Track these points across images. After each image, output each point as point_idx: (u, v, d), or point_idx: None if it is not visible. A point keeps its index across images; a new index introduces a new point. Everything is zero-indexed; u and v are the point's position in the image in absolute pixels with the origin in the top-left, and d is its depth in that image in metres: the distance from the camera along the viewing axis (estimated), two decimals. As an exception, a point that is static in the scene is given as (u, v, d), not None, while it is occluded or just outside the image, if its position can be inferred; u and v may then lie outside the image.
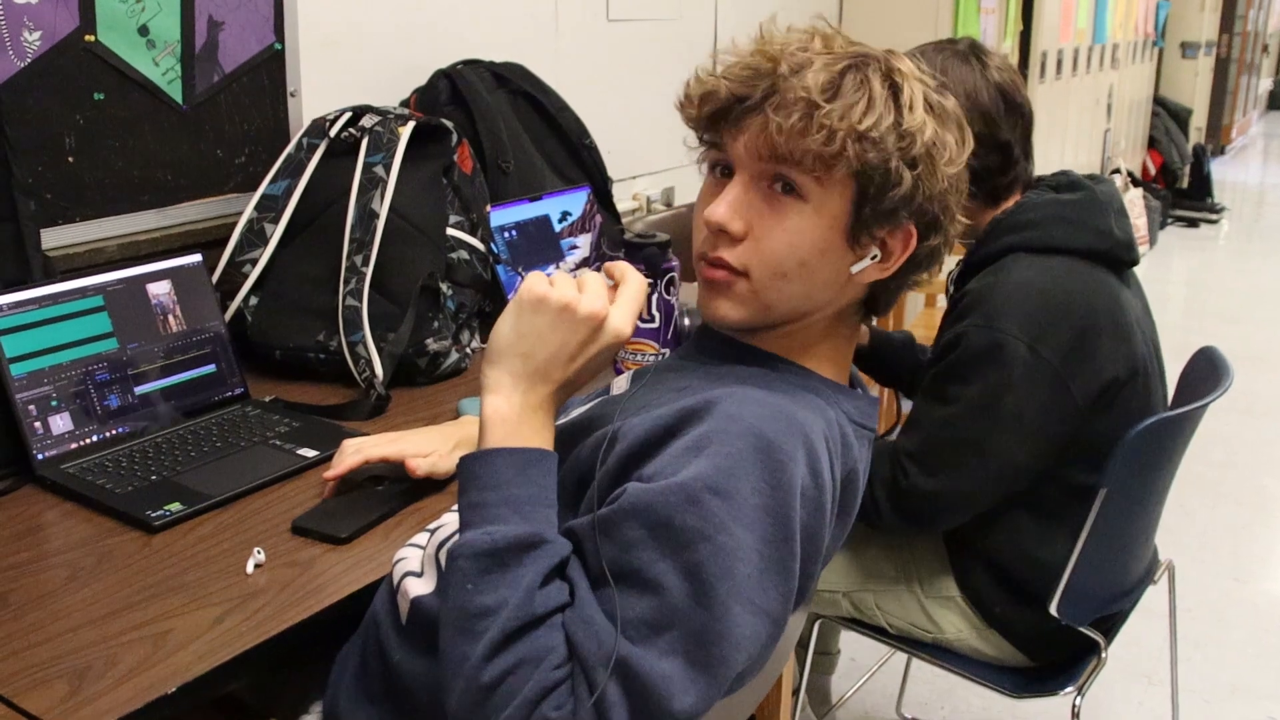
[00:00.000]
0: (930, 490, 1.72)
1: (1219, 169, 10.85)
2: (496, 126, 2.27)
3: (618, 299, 1.08)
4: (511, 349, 1.06)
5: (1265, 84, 17.31)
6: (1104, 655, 1.81)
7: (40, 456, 1.48)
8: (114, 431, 1.57)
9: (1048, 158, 5.75)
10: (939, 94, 1.11)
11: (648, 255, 1.74)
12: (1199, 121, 10.36)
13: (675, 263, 1.78)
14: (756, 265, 1.10)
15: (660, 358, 1.80)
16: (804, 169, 1.06)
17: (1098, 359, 1.70)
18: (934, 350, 1.80)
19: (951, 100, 1.12)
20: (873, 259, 1.11)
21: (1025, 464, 1.72)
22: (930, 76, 1.12)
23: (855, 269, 1.11)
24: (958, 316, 1.73)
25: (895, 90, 1.07)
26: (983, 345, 1.67)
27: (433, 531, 1.20)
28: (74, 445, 1.52)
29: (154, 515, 1.36)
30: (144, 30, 1.83)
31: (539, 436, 1.06)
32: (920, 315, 4.03)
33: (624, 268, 1.10)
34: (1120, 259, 1.79)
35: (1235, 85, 12.49)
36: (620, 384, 1.24)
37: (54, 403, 1.51)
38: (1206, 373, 1.92)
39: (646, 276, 1.75)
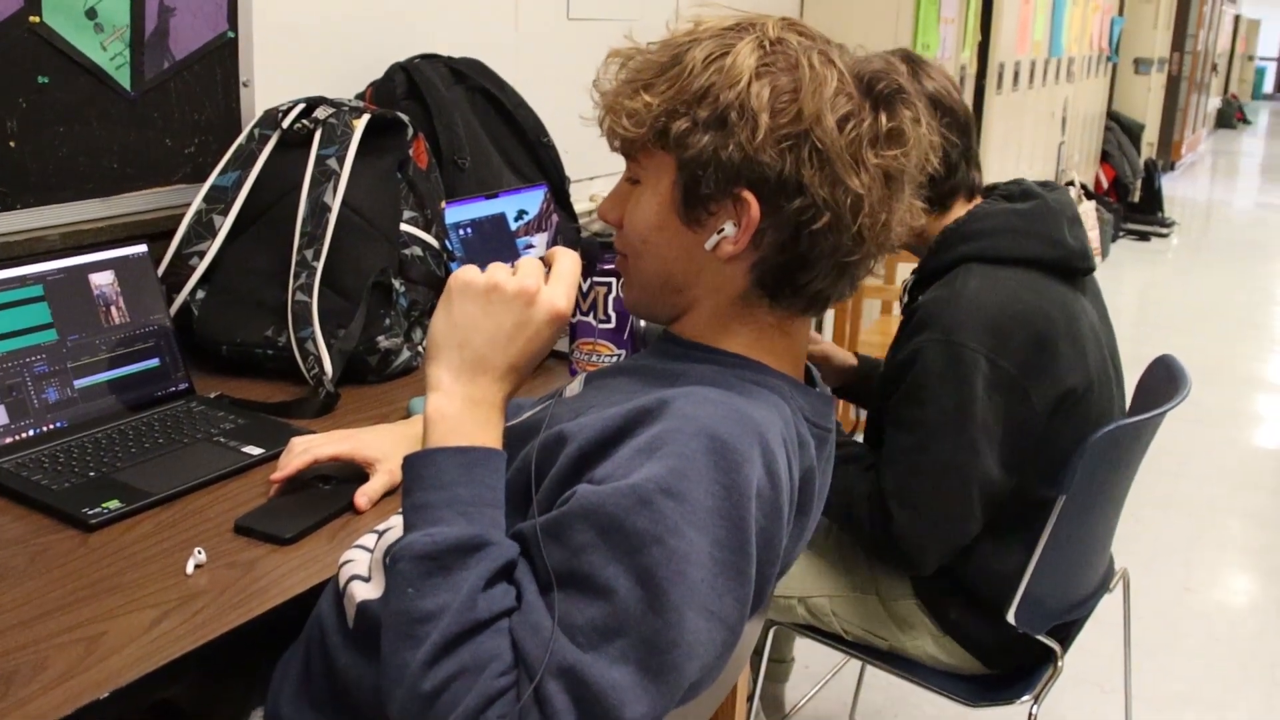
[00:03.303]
0: (918, 529, 1.70)
1: (1169, 184, 11.01)
2: (453, 122, 2.24)
3: (550, 276, 1.08)
4: (447, 341, 1.05)
5: (1214, 102, 17.62)
6: (1060, 664, 1.80)
7: (-27, 451, 1.43)
8: (51, 426, 1.51)
9: (1004, 168, 5.79)
10: (803, 53, 1.04)
11: (585, 246, 1.74)
12: (1150, 137, 10.51)
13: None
14: (625, 248, 1.15)
15: (617, 359, 1.77)
16: (626, 154, 1.12)
17: (1056, 368, 1.70)
18: (888, 366, 1.78)
19: (818, 58, 1.05)
20: (721, 234, 1.07)
21: (1001, 479, 1.71)
22: (804, 37, 1.07)
23: (708, 245, 1.08)
24: (913, 330, 1.71)
25: (721, 56, 1.04)
26: (941, 359, 1.66)
27: (380, 534, 1.17)
28: (9, 440, 1.46)
29: (91, 513, 1.31)
30: (92, 13, 1.78)
31: (484, 433, 1.03)
32: (876, 323, 4.03)
33: (557, 250, 1.11)
34: (1075, 268, 1.79)
35: (1186, 102, 12.68)
36: (574, 387, 1.21)
37: (-12, 395, 1.46)
38: (1164, 381, 1.93)
39: (595, 274, 1.74)
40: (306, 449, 1.39)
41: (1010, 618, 1.74)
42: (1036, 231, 1.75)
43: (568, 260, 1.09)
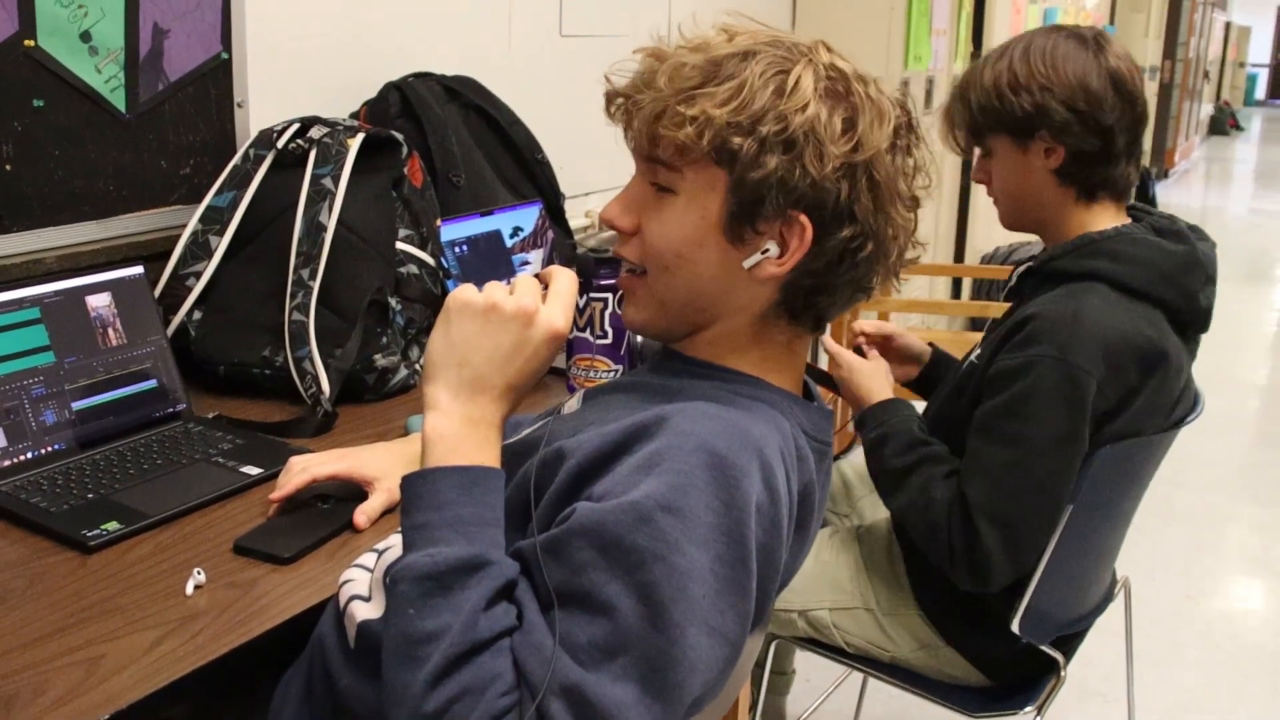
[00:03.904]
0: (1006, 550, 1.62)
1: (1163, 192, 11.03)
2: (448, 140, 2.24)
3: (548, 295, 1.06)
4: (445, 360, 1.04)
5: (1206, 109, 17.66)
6: (1063, 674, 1.80)
7: (-29, 474, 1.43)
8: (49, 448, 1.51)
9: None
10: (856, 81, 1.05)
11: (581, 262, 1.73)
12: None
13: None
14: (645, 260, 1.11)
15: (615, 374, 1.78)
16: (665, 162, 1.06)
17: (1144, 407, 1.66)
18: (988, 366, 1.69)
19: (873, 89, 1.06)
20: (765, 254, 1.06)
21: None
22: (851, 65, 1.07)
23: (748, 264, 1.07)
24: (1025, 340, 1.63)
25: (781, 75, 1.03)
26: (1055, 379, 1.59)
27: (380, 553, 1.17)
28: (7, 463, 1.46)
29: (90, 535, 1.31)
30: (86, 36, 1.78)
31: (482, 452, 1.03)
32: (873, 334, 4.01)
33: (554, 269, 1.09)
34: (1194, 326, 1.74)
35: (1178, 110, 12.72)
36: (572, 404, 1.21)
37: (-14, 419, 1.46)
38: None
39: (592, 289, 1.74)
40: (305, 468, 1.39)
41: (1014, 627, 1.73)
42: (1178, 281, 1.68)
43: (565, 279, 1.08)
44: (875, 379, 1.91)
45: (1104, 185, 1.75)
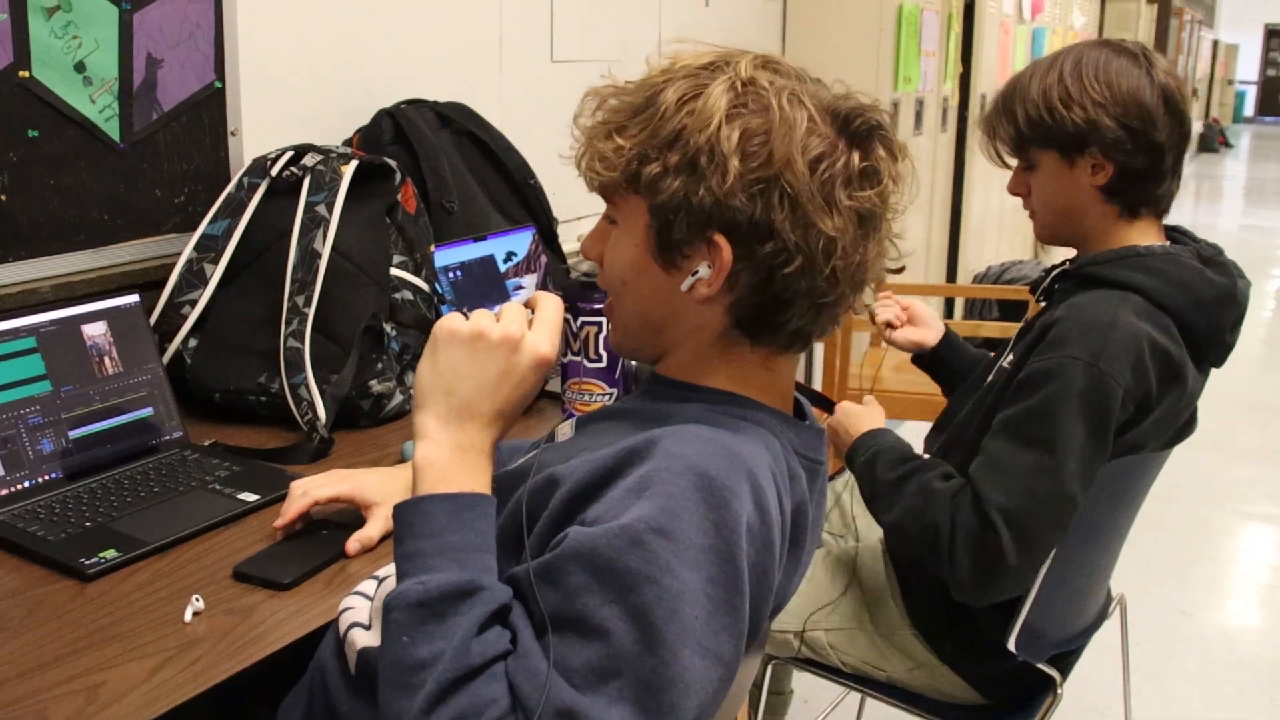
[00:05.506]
0: (1021, 558, 1.57)
1: (1153, 209, 11.03)
2: (440, 166, 2.25)
3: (534, 322, 1.08)
4: (433, 389, 1.06)
5: (1196, 127, 17.75)
6: (1060, 691, 1.80)
7: (-32, 504, 1.43)
8: (47, 477, 1.52)
9: (987, 198, 5.83)
10: (777, 94, 1.04)
11: (568, 287, 1.74)
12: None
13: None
14: (606, 287, 1.16)
15: (609, 397, 1.78)
16: (605, 196, 1.12)
17: (1149, 428, 1.66)
18: (1018, 364, 1.68)
19: (785, 100, 1.04)
20: (695, 276, 1.07)
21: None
22: (785, 78, 1.06)
23: (683, 287, 1.08)
24: (1053, 343, 1.61)
25: (695, 98, 1.04)
26: (1084, 383, 1.56)
27: (380, 580, 1.18)
28: (4, 491, 1.47)
29: (88, 563, 1.31)
30: (80, 67, 1.80)
31: (472, 479, 1.04)
32: (866, 354, 4.03)
33: (540, 295, 1.11)
34: (1208, 357, 1.73)
35: (1167, 128, 12.75)
36: (565, 430, 1.22)
37: (-17, 448, 1.46)
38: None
39: (583, 313, 1.75)
40: (305, 491, 1.40)
41: (1010, 645, 1.73)
42: (1211, 312, 1.68)
43: (550, 305, 1.10)
44: (866, 419, 1.88)
45: (1147, 203, 1.73)
